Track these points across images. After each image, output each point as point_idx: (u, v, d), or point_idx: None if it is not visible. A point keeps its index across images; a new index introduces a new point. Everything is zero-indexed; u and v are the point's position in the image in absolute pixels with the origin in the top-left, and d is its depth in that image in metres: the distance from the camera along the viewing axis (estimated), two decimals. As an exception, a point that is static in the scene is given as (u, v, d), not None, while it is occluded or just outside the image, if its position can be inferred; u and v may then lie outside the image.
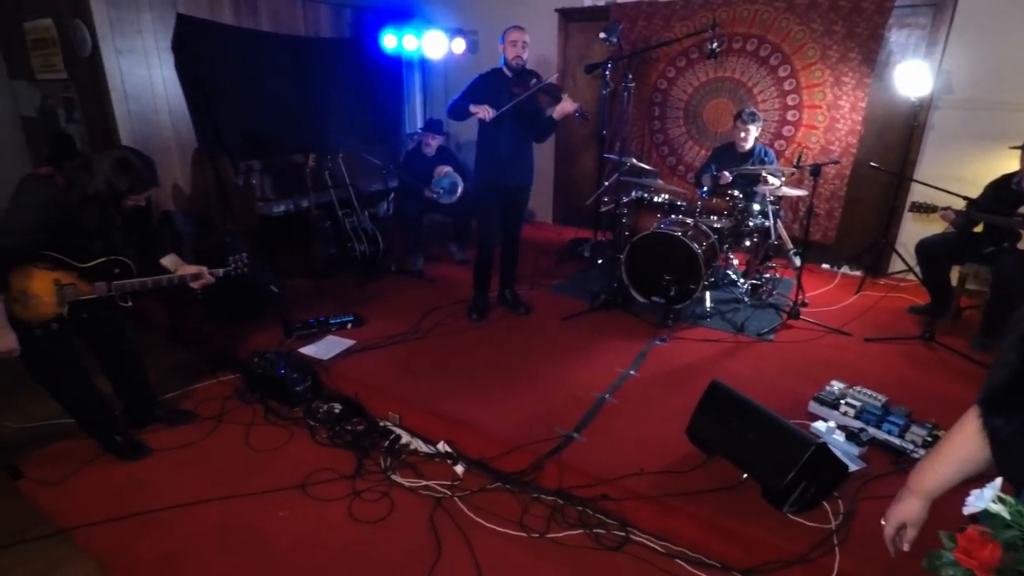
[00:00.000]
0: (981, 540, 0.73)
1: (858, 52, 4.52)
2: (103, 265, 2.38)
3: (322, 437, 2.76)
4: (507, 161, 3.48)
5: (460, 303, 3.96)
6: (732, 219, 3.98)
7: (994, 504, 0.74)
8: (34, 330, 2.26)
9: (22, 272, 2.21)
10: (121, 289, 2.43)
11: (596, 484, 2.27)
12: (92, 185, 2.22)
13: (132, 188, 2.30)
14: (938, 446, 1.08)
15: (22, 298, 2.22)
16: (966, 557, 0.73)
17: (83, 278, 2.35)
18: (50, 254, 2.26)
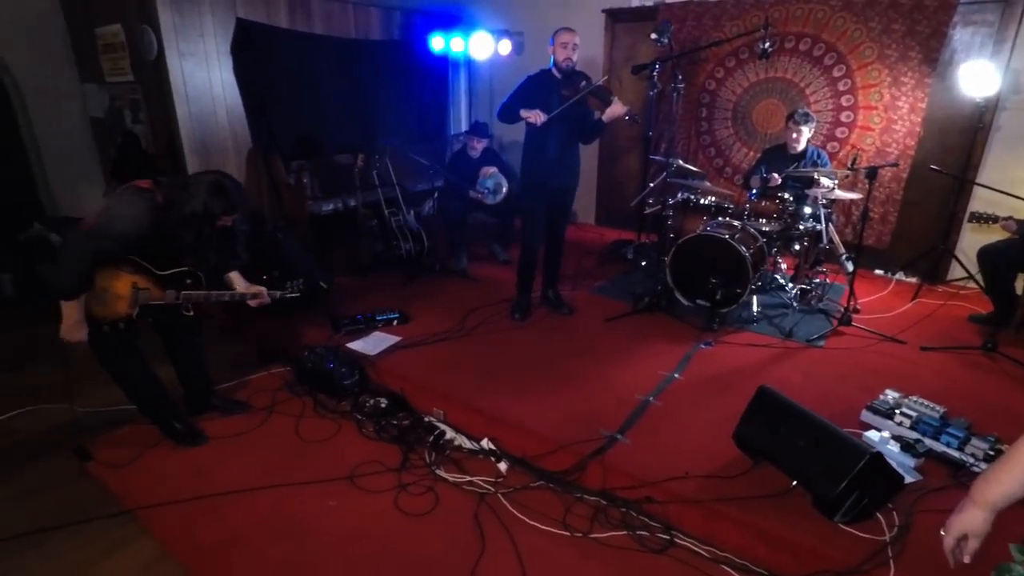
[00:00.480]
0: None
1: (919, 51, 4.37)
2: (178, 275, 2.53)
3: (369, 430, 2.83)
4: (554, 162, 3.50)
5: (503, 302, 3.99)
6: (782, 222, 3.89)
7: None
8: (103, 326, 2.40)
9: (108, 272, 2.37)
10: (188, 299, 2.57)
11: (640, 486, 2.26)
12: (190, 205, 2.37)
13: (225, 210, 2.45)
14: (1004, 457, 1.04)
15: (102, 296, 2.37)
16: None
17: (157, 284, 2.50)
18: (133, 259, 2.41)
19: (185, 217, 2.38)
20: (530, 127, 3.43)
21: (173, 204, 2.37)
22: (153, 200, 2.34)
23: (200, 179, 2.43)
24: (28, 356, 3.58)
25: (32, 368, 3.45)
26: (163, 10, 4.22)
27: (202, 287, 2.60)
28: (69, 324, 2.32)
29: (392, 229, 4.68)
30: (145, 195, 2.35)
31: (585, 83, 3.38)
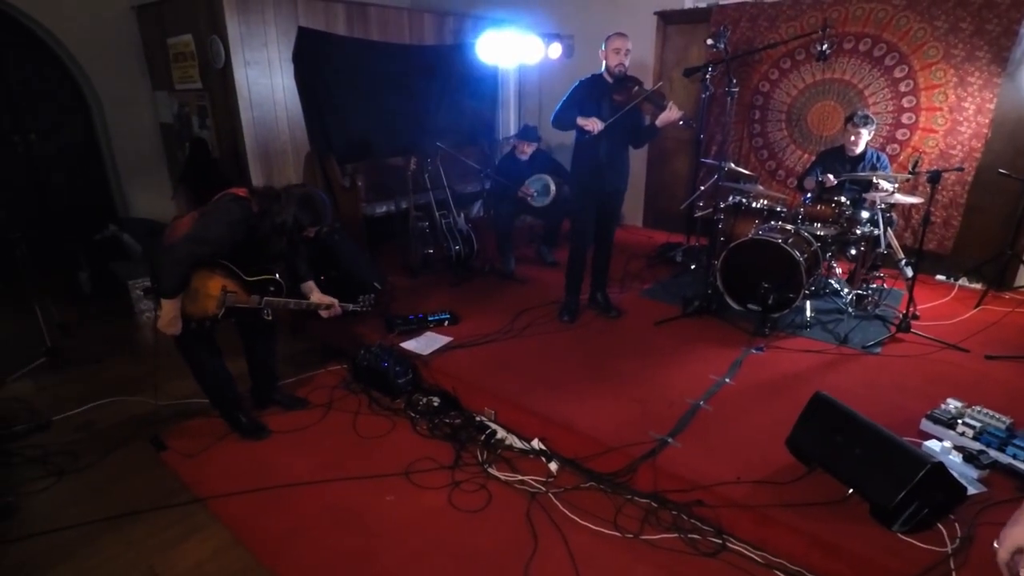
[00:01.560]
0: None
1: (987, 50, 4.20)
2: (263, 281, 2.69)
3: (422, 428, 2.92)
4: (605, 166, 3.53)
5: (551, 304, 4.04)
6: (838, 226, 3.81)
7: None
8: (190, 323, 2.57)
9: (202, 274, 2.55)
10: (269, 305, 2.72)
11: (691, 490, 2.27)
12: (281, 215, 2.53)
13: (312, 223, 2.62)
14: None
15: (195, 295, 2.55)
16: None
17: (244, 289, 2.66)
18: (225, 263, 2.58)
19: (276, 226, 2.53)
20: (581, 131, 3.47)
21: (267, 213, 2.52)
22: (248, 209, 2.51)
23: (291, 192, 2.58)
24: (107, 350, 3.83)
25: (111, 361, 3.69)
26: (231, 21, 4.45)
27: (283, 294, 2.75)
28: (168, 319, 2.49)
29: (442, 231, 4.78)
30: (242, 203, 2.51)
31: (638, 88, 3.40)
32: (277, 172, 4.86)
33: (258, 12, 4.59)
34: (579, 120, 3.33)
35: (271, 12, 4.67)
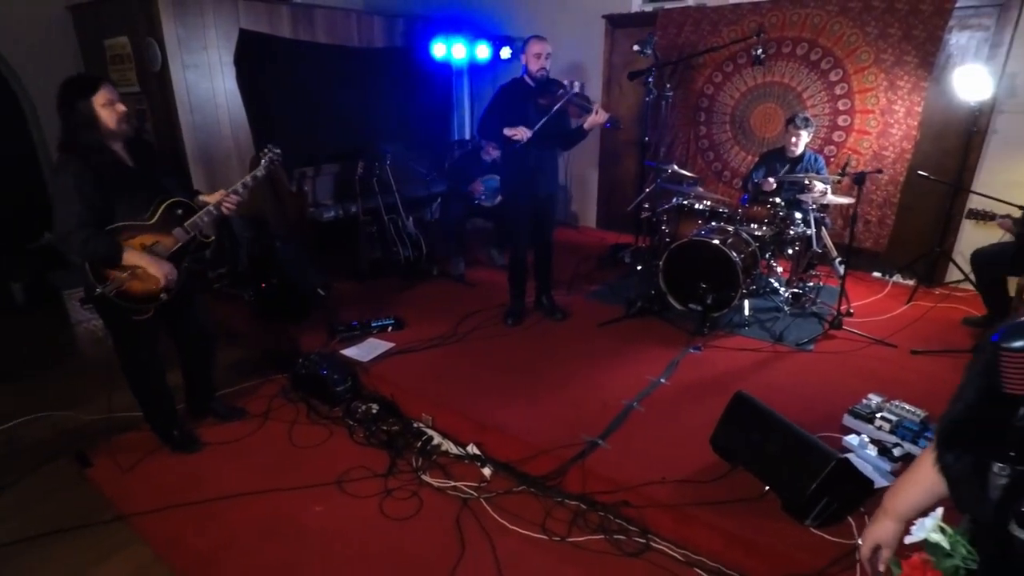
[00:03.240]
0: (923, 568, 0.75)
1: (915, 55, 4.36)
2: (166, 212, 2.45)
3: (359, 436, 2.90)
4: (534, 171, 3.55)
5: (498, 307, 4.05)
6: (774, 227, 3.91)
7: (935, 534, 0.76)
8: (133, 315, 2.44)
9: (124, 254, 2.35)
10: (196, 228, 2.52)
11: (618, 491, 2.30)
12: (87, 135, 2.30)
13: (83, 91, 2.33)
14: (910, 468, 1.07)
15: (135, 273, 2.37)
16: None
17: (160, 232, 2.45)
18: (122, 225, 2.37)
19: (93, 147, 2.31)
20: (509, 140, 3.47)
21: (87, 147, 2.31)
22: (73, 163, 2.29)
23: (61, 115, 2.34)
24: (37, 364, 3.70)
25: (41, 376, 3.57)
26: (167, 23, 4.34)
27: (194, 210, 2.53)
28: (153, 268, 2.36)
29: (391, 235, 4.76)
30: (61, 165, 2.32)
31: (562, 91, 3.42)
32: (220, 176, 4.75)
33: (196, 14, 4.49)
34: (506, 131, 3.33)
35: (211, 15, 4.57)
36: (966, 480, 0.78)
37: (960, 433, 0.81)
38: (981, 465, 0.74)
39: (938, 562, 0.74)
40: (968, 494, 0.79)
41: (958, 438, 0.82)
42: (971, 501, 0.76)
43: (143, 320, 2.49)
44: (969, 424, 0.79)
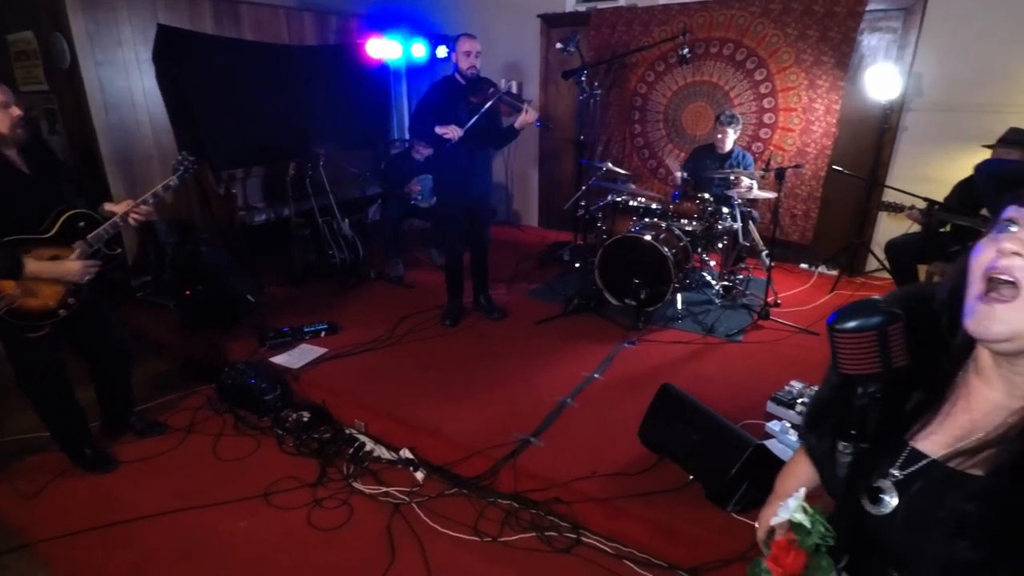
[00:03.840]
0: (788, 547, 0.77)
1: (831, 56, 4.56)
2: (66, 224, 2.31)
3: (289, 446, 2.81)
4: (468, 171, 3.54)
5: (436, 308, 4.00)
6: (703, 222, 4.02)
7: (798, 514, 0.78)
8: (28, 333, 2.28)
9: None
10: (98, 240, 2.38)
11: (549, 487, 2.31)
12: None
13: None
14: (796, 451, 1.11)
15: (31, 288, 2.23)
16: (775, 565, 0.77)
17: (59, 246, 2.31)
18: (17, 239, 2.21)
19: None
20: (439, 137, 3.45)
21: None
22: None
23: None
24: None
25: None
26: (75, 17, 4.09)
27: (96, 222, 2.38)
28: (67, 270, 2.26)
29: (326, 238, 4.64)
30: None
31: (493, 90, 3.43)
32: (141, 179, 4.52)
33: (108, 9, 4.25)
34: (437, 129, 3.31)
35: (124, 9, 4.33)
36: (825, 461, 0.80)
37: (820, 415, 0.84)
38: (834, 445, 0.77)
39: (801, 541, 0.76)
40: (827, 474, 0.81)
41: (818, 419, 0.84)
42: (830, 481, 0.79)
43: (39, 337, 2.33)
44: (828, 405, 0.82)
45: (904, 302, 0.84)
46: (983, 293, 0.67)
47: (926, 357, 0.79)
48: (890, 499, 0.75)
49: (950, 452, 0.71)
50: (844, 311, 0.68)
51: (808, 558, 0.76)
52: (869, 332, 0.65)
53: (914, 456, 0.75)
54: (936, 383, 0.78)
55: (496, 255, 5.04)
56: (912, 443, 0.76)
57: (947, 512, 0.66)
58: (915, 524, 0.72)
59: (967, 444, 0.70)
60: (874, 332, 0.65)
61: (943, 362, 0.79)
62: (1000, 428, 0.68)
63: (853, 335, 0.66)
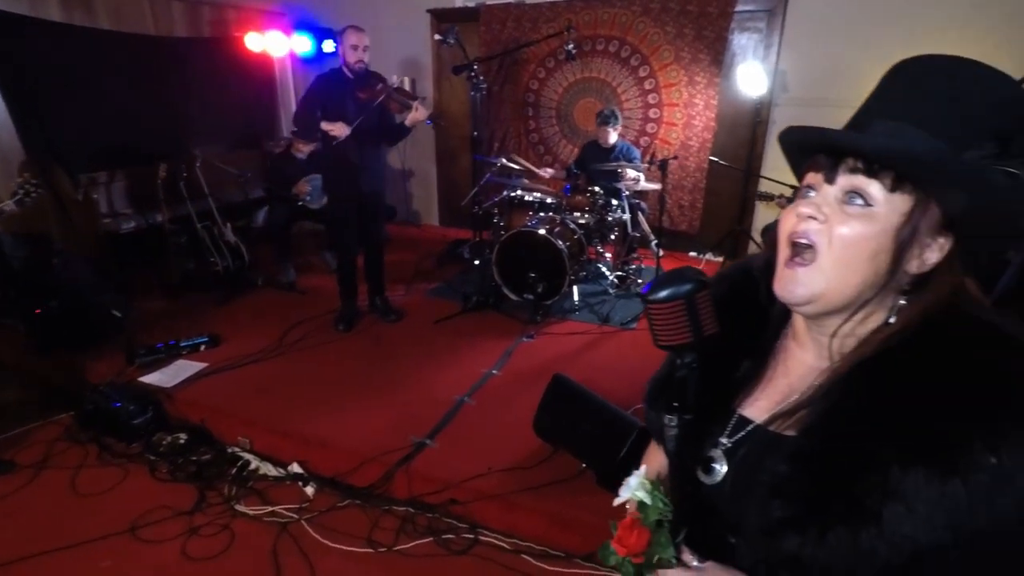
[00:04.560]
0: (632, 526, 0.76)
1: (707, 53, 4.80)
2: None
3: (162, 472, 2.57)
4: (359, 168, 3.41)
5: (330, 314, 3.82)
6: (595, 215, 4.11)
7: (640, 491, 0.78)
8: None
9: None
10: None
11: (445, 489, 2.26)
12: None
13: None
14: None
15: None
16: (619, 545, 0.76)
17: None
18: None
19: None
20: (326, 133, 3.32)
21: None
22: None
23: None
24: None
25: None
26: None
27: None
28: None
29: (206, 245, 4.31)
30: None
31: (382, 86, 3.33)
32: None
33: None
34: (324, 126, 3.17)
35: (-54, -7, 3.80)
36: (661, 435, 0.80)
37: (657, 391, 0.84)
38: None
39: (644, 518, 0.76)
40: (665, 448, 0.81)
41: (655, 396, 0.85)
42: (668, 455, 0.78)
43: None
44: (661, 381, 0.82)
45: (731, 275, 0.87)
46: (788, 258, 0.68)
47: (752, 326, 0.82)
48: (720, 467, 0.76)
49: (770, 416, 0.73)
50: (655, 282, 0.68)
51: (651, 534, 0.75)
52: (678, 301, 0.65)
53: (741, 423, 0.77)
54: (759, 350, 0.81)
55: (395, 256, 4.94)
56: (739, 411, 0.78)
57: (766, 474, 0.67)
58: (740, 489, 0.73)
59: (784, 407, 0.72)
60: (682, 301, 0.65)
61: (766, 330, 0.81)
62: (811, 389, 0.71)
63: (663, 305, 0.65)
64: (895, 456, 0.58)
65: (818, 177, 0.68)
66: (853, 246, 0.64)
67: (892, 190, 0.63)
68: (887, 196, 0.63)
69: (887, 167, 0.62)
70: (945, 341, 0.62)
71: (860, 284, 0.65)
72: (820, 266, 0.66)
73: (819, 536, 0.60)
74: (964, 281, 0.66)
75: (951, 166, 0.61)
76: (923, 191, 0.62)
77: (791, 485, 0.64)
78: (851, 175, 0.65)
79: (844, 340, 0.70)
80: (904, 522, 0.56)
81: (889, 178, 0.63)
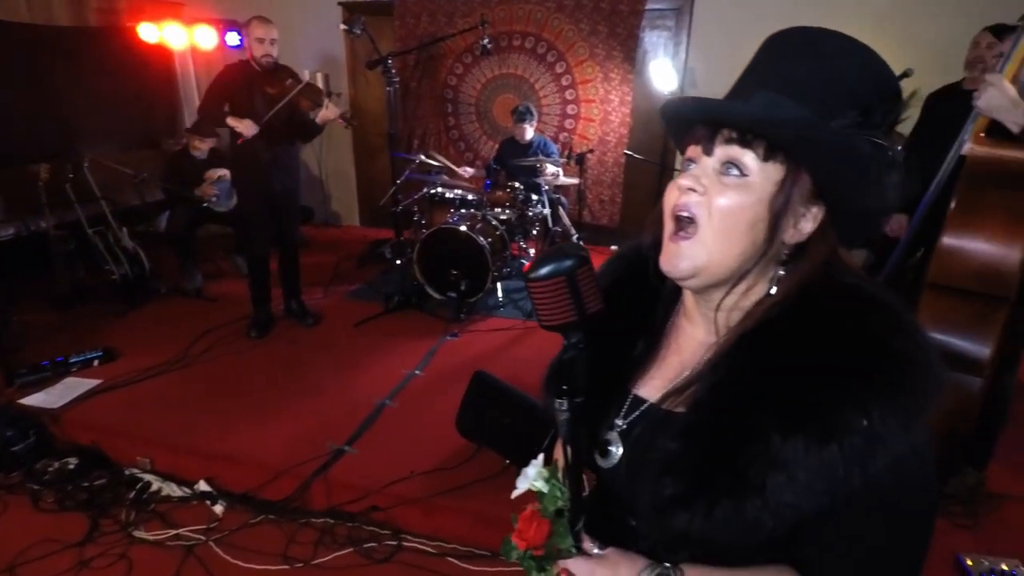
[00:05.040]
0: (531, 519, 0.74)
1: (620, 50, 4.91)
2: None
3: (48, 502, 2.32)
4: (270, 166, 3.24)
5: (242, 321, 3.61)
6: (515, 210, 4.10)
7: (538, 482, 0.76)
8: None
9: None
10: None
11: (365, 496, 2.17)
12: None
13: None
14: None
15: None
16: (519, 539, 0.74)
17: None
18: None
19: None
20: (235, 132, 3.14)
21: None
22: None
23: None
24: None
25: None
26: None
27: None
28: None
29: (100, 252, 3.97)
30: None
31: (291, 80, 3.19)
32: None
33: None
34: (230, 121, 3.00)
35: None
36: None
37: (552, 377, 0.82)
38: None
39: (543, 509, 0.73)
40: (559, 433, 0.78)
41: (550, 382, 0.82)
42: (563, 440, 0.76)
43: None
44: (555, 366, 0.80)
45: (627, 255, 0.86)
46: (673, 233, 0.68)
47: (647, 305, 0.81)
48: (616, 449, 0.75)
49: (663, 394, 0.72)
50: (536, 260, 0.65)
51: (551, 525, 0.72)
52: (559, 278, 0.62)
53: (635, 403, 0.76)
54: (653, 329, 0.80)
55: (314, 258, 4.76)
56: (634, 391, 0.77)
57: (658, 452, 0.66)
58: (635, 469, 0.72)
59: (676, 384, 0.72)
60: (563, 278, 0.62)
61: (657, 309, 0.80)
62: (700, 365, 0.70)
63: (545, 283, 0.63)
64: (776, 426, 0.58)
65: (697, 150, 0.68)
66: (731, 216, 0.64)
67: (765, 159, 0.63)
68: (761, 166, 0.63)
69: (758, 136, 0.63)
70: (820, 310, 0.62)
71: (740, 255, 0.65)
72: (702, 238, 0.65)
73: (707, 511, 0.60)
74: (837, 250, 0.67)
75: (817, 133, 0.61)
76: (793, 160, 0.63)
77: (680, 462, 0.63)
78: (727, 146, 0.65)
79: (730, 313, 0.70)
80: (786, 491, 0.56)
81: (761, 147, 0.63)
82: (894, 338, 0.58)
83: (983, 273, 1.81)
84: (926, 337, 0.60)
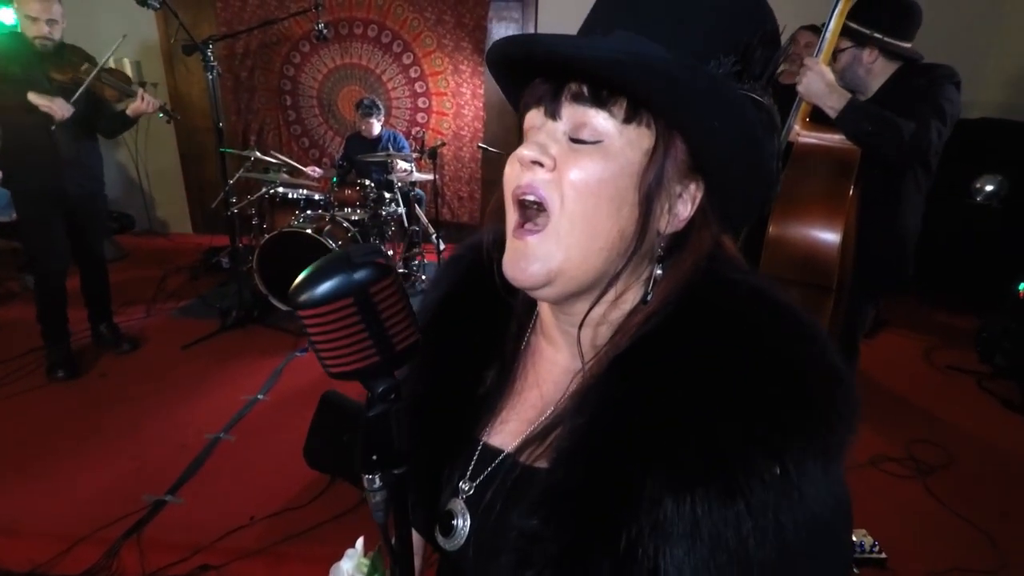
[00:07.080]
0: None
1: (468, 41, 4.79)
2: None
3: None
4: (64, 163, 2.69)
5: (33, 353, 2.97)
6: (367, 209, 3.83)
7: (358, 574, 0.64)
8: None
9: None
10: None
11: (193, 554, 1.82)
12: None
13: None
14: None
15: None
16: None
17: None
18: None
19: None
20: (15, 115, 2.56)
21: None
22: None
23: None
24: None
25: None
26: None
27: None
28: None
29: None
30: None
31: (87, 66, 2.69)
32: None
33: None
34: (33, 98, 2.44)
35: None
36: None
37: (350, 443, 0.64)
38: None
39: None
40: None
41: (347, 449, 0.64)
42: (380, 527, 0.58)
43: None
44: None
45: (465, 256, 0.67)
46: (517, 225, 0.51)
47: (495, 323, 0.64)
48: (462, 523, 0.57)
49: (521, 441, 0.56)
50: (307, 275, 0.44)
51: None
52: (344, 300, 0.42)
53: (486, 455, 0.58)
54: (505, 354, 0.63)
55: (133, 272, 4.14)
56: (484, 439, 0.60)
57: (513, 530, 0.49)
58: (486, 551, 0.54)
59: (536, 428, 0.55)
60: (351, 299, 0.42)
61: (509, 328, 0.64)
62: (564, 401, 0.54)
63: (322, 309, 0.42)
64: (666, 484, 0.43)
65: (539, 113, 0.51)
66: (589, 195, 0.48)
67: (627, 120, 0.48)
68: (620, 128, 0.48)
69: (616, 87, 0.47)
70: (707, 319, 0.48)
71: (605, 250, 0.50)
72: (555, 230, 0.49)
73: None
74: (722, 239, 0.54)
75: (696, 82, 0.46)
76: (665, 121, 0.48)
77: (543, 547, 0.46)
78: (575, 105, 0.49)
79: (597, 329, 0.54)
80: (684, 570, 0.42)
81: (621, 105, 0.47)
82: (800, 352, 0.46)
83: (806, 263, 1.73)
84: (829, 342, 0.47)
